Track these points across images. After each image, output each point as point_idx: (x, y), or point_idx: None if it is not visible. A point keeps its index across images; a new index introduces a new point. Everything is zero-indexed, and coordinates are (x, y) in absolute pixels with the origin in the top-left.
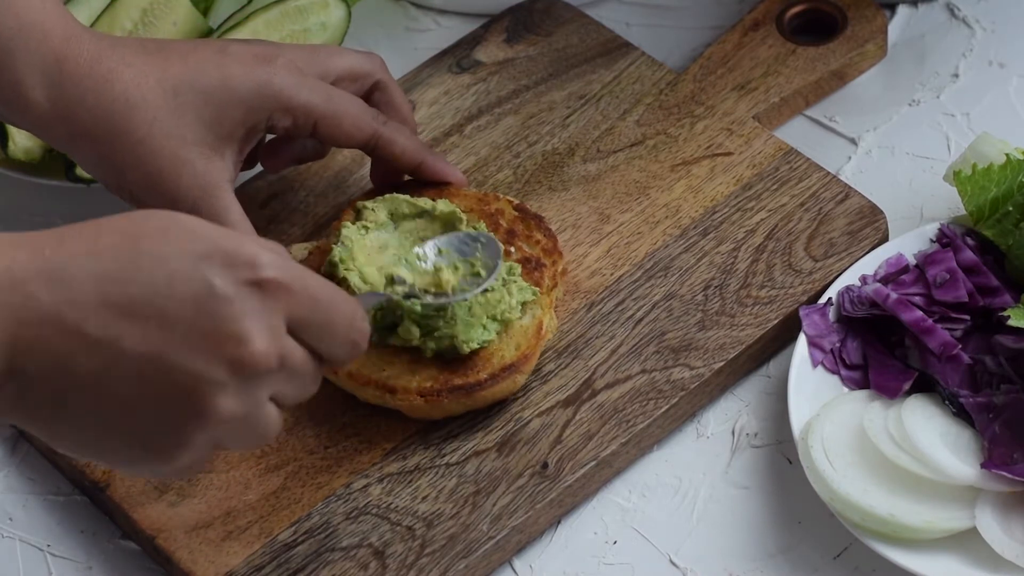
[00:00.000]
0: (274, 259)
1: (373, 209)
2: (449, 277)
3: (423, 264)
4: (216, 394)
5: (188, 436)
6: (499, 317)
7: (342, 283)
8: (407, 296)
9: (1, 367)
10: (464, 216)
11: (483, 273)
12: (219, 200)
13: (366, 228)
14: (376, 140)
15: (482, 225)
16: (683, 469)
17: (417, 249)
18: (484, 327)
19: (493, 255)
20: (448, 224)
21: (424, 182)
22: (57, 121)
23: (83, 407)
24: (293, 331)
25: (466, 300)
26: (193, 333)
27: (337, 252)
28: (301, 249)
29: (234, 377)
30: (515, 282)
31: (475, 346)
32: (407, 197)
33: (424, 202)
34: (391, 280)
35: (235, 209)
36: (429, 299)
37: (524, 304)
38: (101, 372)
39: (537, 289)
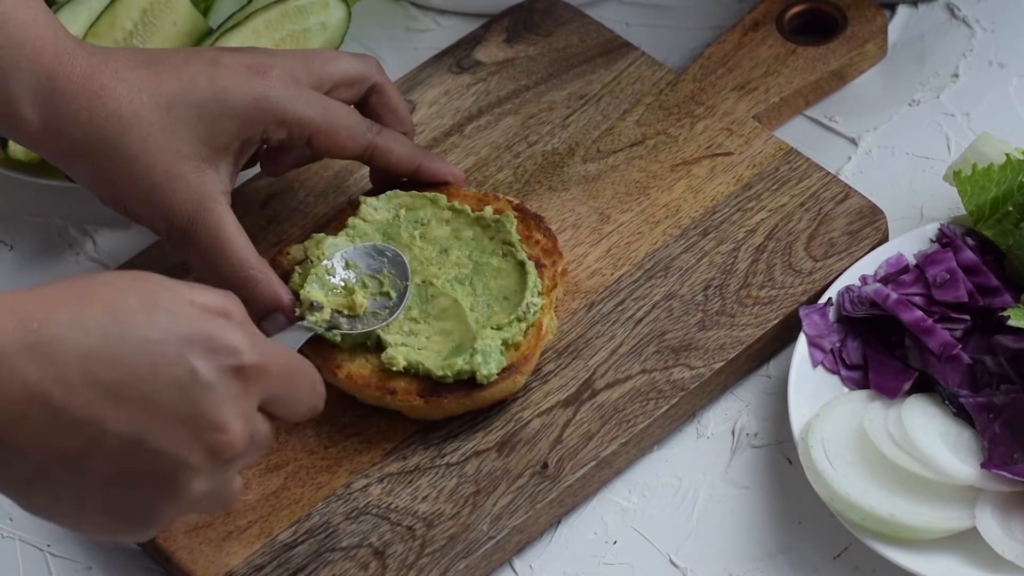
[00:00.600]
0: (254, 343)
1: (376, 208)
2: (361, 300)
3: (331, 278)
4: (192, 477)
5: (161, 512)
6: (511, 341)
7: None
8: (328, 328)
9: None
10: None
11: (392, 294)
12: (213, 213)
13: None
14: (372, 151)
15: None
16: (683, 469)
17: (325, 262)
18: (501, 352)
19: (401, 275)
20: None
21: (424, 183)
22: (51, 138)
23: (62, 481)
24: (263, 406)
25: (379, 328)
26: (175, 418)
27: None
28: (300, 249)
29: (209, 462)
30: (534, 309)
31: (495, 376)
32: (458, 204)
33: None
34: (310, 305)
35: (230, 222)
36: (346, 328)
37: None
38: (83, 450)
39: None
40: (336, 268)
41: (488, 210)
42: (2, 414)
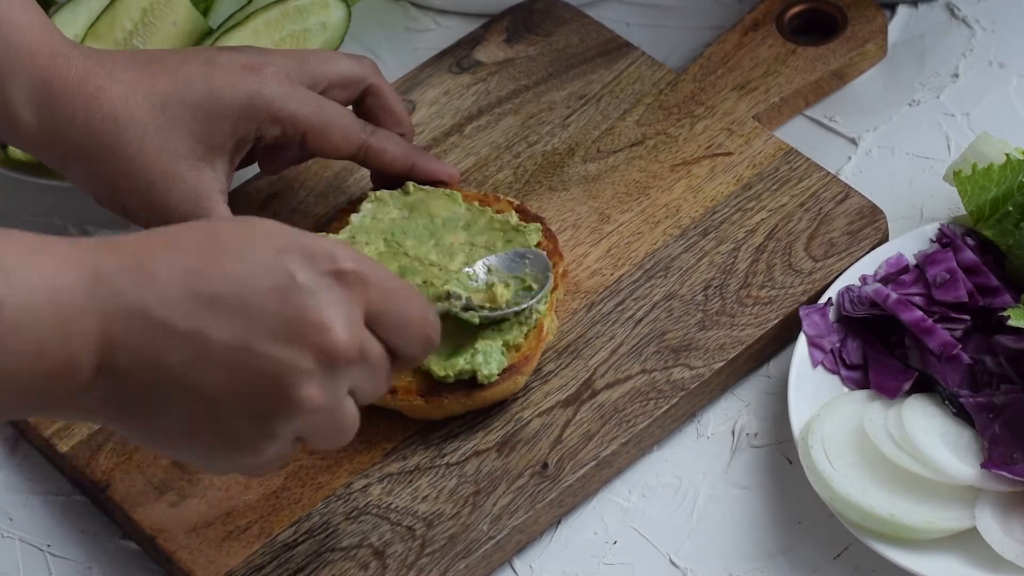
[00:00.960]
0: (350, 252)
1: (388, 201)
2: (502, 292)
3: (474, 283)
4: (302, 382)
5: (275, 426)
6: (512, 343)
7: None
8: (465, 308)
9: (93, 363)
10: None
11: (534, 287)
12: (211, 212)
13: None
14: (365, 151)
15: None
16: (683, 469)
17: (467, 269)
18: (502, 353)
19: (543, 268)
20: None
21: (421, 182)
22: (47, 140)
23: (173, 401)
24: (370, 324)
25: (523, 311)
26: (278, 323)
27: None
28: None
29: (319, 365)
30: (537, 311)
31: (496, 377)
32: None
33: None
34: (446, 296)
35: None
36: (486, 312)
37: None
38: (189, 364)
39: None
40: (478, 274)
41: (513, 216)
42: (108, 337)
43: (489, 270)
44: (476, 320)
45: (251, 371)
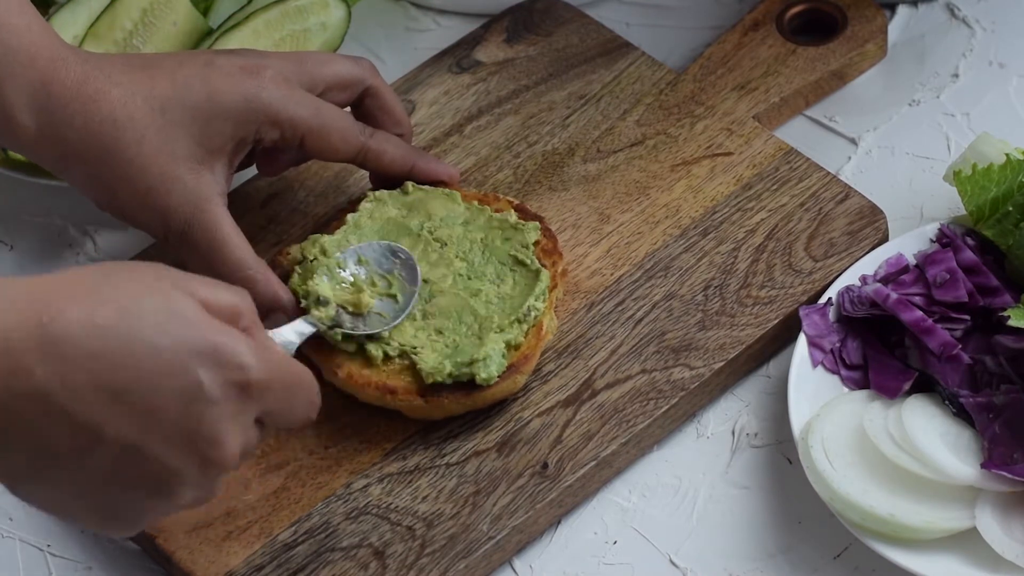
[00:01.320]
0: (259, 356)
1: (387, 201)
2: (367, 300)
3: (342, 272)
4: (182, 486)
5: (148, 513)
6: (512, 343)
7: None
8: (331, 326)
9: None
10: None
11: (399, 298)
12: (210, 214)
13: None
14: (364, 153)
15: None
16: (683, 469)
17: (338, 255)
18: (503, 355)
19: (411, 279)
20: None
21: (421, 182)
22: (46, 143)
23: (57, 476)
24: (258, 419)
25: (381, 331)
26: (175, 429)
27: (295, 277)
28: (299, 249)
29: (201, 474)
30: (536, 310)
31: (495, 379)
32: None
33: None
34: (316, 299)
35: (226, 223)
36: (348, 327)
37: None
38: (80, 451)
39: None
40: (348, 262)
41: (512, 215)
42: (3, 406)
43: (359, 260)
44: (338, 338)
45: (137, 469)
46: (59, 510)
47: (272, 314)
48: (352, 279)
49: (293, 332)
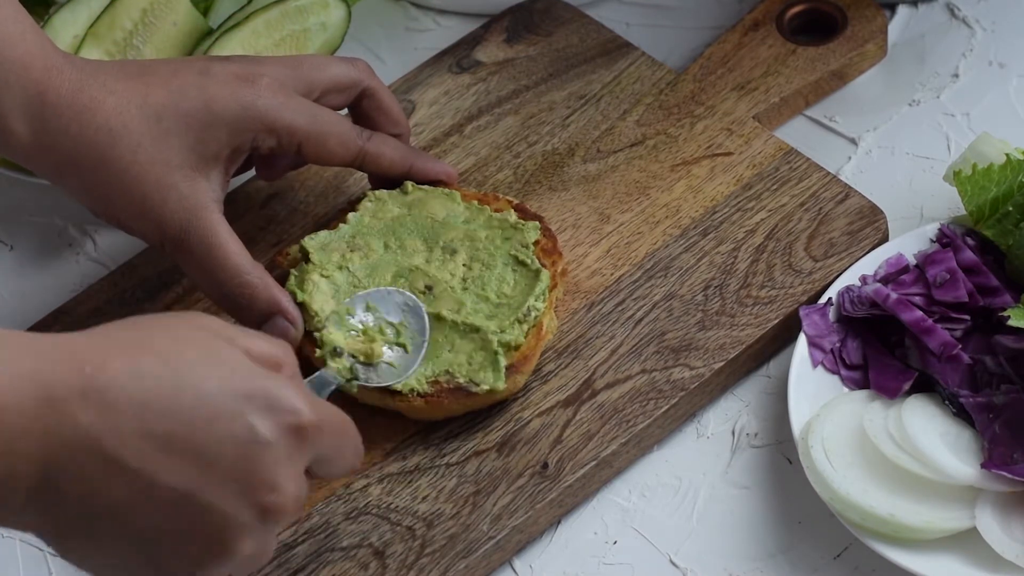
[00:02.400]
0: (308, 401)
1: (387, 201)
2: (379, 350)
3: (351, 319)
4: (241, 536)
5: (206, 569)
6: (512, 344)
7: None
8: (349, 379)
9: (33, 482)
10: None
11: (409, 348)
12: (205, 221)
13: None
14: (362, 157)
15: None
16: (683, 469)
17: (346, 301)
18: (501, 362)
19: (419, 328)
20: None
21: (420, 182)
22: (41, 152)
23: (109, 531)
24: (310, 467)
25: (395, 383)
26: (230, 475)
27: (293, 279)
28: (297, 249)
29: (259, 521)
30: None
31: (502, 388)
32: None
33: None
34: (332, 350)
35: (222, 229)
36: (362, 379)
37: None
38: (131, 502)
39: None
40: (356, 310)
41: (512, 215)
42: (52, 458)
43: (367, 307)
44: (354, 390)
45: (194, 518)
46: (113, 569)
47: (272, 319)
48: (362, 327)
49: (316, 386)
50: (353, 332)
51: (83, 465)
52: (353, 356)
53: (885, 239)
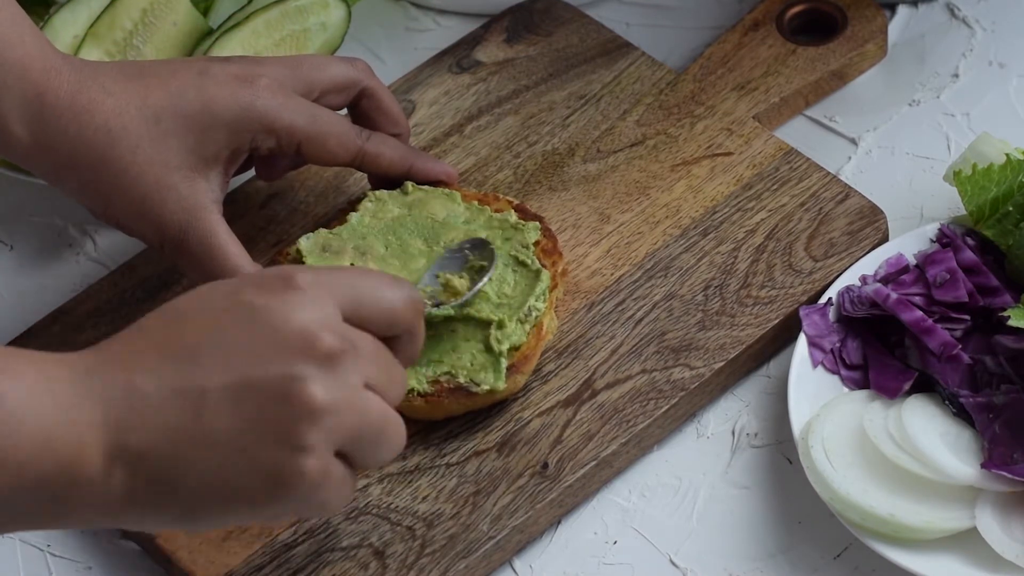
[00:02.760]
0: (299, 267)
1: (387, 201)
2: (459, 283)
3: (429, 285)
4: (306, 387)
5: (301, 438)
6: (513, 344)
7: None
8: (435, 305)
9: (102, 448)
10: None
11: (485, 265)
12: (204, 222)
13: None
14: (362, 157)
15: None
16: (683, 469)
17: (418, 286)
18: (501, 365)
19: (482, 249)
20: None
21: (420, 182)
22: (40, 153)
23: (194, 460)
24: (348, 317)
25: (480, 287)
26: (258, 346)
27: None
28: (295, 250)
29: (315, 366)
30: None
31: (502, 388)
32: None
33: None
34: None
35: (221, 230)
36: (456, 302)
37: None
38: (195, 418)
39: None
40: (426, 282)
41: (512, 215)
42: (109, 418)
43: (437, 276)
44: (451, 312)
45: (255, 398)
46: (232, 499)
47: None
48: (441, 285)
49: None
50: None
51: (138, 411)
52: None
53: (885, 239)
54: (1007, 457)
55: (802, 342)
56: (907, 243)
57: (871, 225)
